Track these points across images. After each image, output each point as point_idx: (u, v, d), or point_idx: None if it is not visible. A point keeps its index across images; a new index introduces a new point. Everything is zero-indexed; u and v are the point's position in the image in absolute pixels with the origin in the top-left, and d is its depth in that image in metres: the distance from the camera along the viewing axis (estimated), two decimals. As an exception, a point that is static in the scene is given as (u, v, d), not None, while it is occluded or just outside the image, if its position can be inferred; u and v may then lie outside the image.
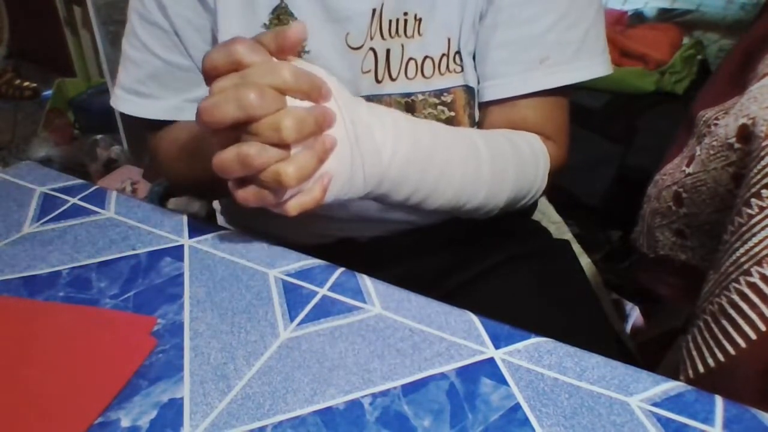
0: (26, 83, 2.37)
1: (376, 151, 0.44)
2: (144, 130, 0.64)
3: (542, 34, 0.54)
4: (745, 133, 0.46)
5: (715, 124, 0.55)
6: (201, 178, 0.52)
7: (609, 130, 1.26)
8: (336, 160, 0.41)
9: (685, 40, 1.30)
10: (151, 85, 0.60)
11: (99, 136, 1.86)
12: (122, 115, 1.90)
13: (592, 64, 0.56)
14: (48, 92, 2.24)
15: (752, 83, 0.50)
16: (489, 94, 0.57)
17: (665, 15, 1.41)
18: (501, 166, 0.53)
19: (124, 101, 0.61)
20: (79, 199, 0.55)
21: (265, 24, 0.55)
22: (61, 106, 2.15)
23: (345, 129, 0.41)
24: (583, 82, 0.56)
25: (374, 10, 0.53)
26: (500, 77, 0.56)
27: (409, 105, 0.56)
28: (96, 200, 0.55)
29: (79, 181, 0.57)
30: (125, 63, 0.61)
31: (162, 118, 0.61)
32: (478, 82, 0.58)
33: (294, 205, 0.41)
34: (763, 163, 0.42)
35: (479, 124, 0.61)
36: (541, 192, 0.60)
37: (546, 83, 0.55)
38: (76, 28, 2.18)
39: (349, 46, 0.55)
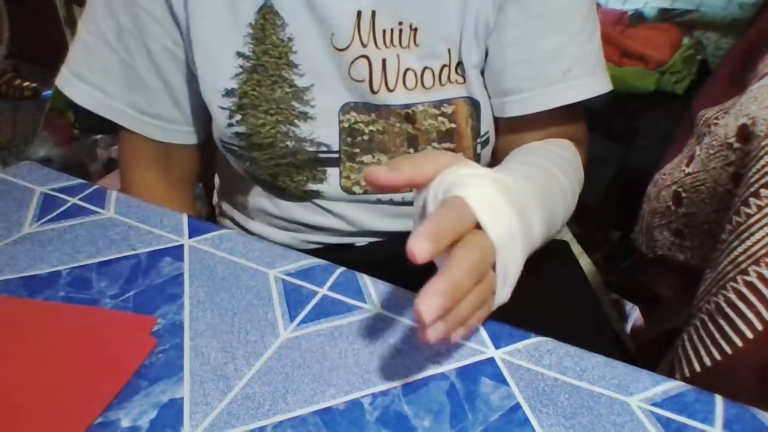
0: (26, 83, 2.36)
1: (530, 234, 0.43)
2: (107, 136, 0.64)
3: (564, 47, 0.55)
4: (745, 133, 0.46)
5: (715, 124, 0.55)
6: None
7: (609, 130, 1.26)
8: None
9: (685, 40, 1.30)
10: (100, 77, 0.58)
11: (99, 136, 1.86)
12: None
13: (605, 77, 0.58)
14: (48, 92, 2.24)
15: (752, 83, 0.50)
16: (514, 109, 0.57)
17: (665, 15, 1.41)
18: (571, 192, 0.54)
19: (71, 85, 0.58)
20: (79, 199, 0.55)
21: (250, 23, 0.53)
22: (61, 106, 2.14)
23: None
24: None
25: (359, 13, 0.53)
26: (525, 92, 0.56)
27: (409, 116, 0.56)
28: (96, 200, 0.55)
29: (79, 181, 0.57)
30: (79, 45, 0.58)
31: (106, 116, 0.59)
32: (490, 97, 0.58)
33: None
34: (762, 162, 0.42)
35: (503, 133, 0.61)
36: None
37: (572, 96, 0.56)
38: (76, 28, 2.18)
39: (335, 47, 0.54)
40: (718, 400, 0.36)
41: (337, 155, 0.57)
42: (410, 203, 0.59)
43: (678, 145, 0.64)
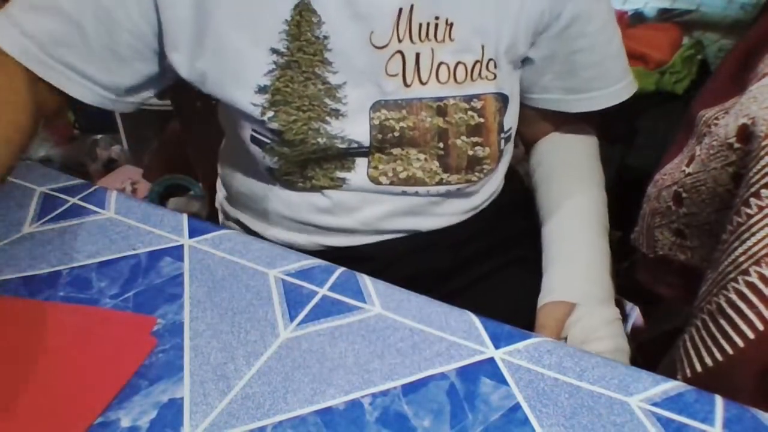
0: (26, 83, 2.36)
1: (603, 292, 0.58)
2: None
3: (619, 51, 0.62)
4: (745, 133, 0.46)
5: (715, 124, 0.55)
6: None
7: (609, 130, 1.26)
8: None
9: (685, 40, 1.30)
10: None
11: (99, 136, 1.86)
12: (122, 115, 1.89)
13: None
14: (48, 92, 2.23)
15: (752, 83, 0.50)
16: (581, 106, 0.64)
17: (665, 15, 1.41)
18: (601, 189, 0.67)
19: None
20: (79, 199, 0.55)
21: (286, 20, 0.53)
22: (61, 106, 2.14)
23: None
24: None
25: (401, 10, 0.52)
26: (592, 91, 0.63)
27: (440, 109, 0.56)
28: (96, 200, 0.55)
29: (79, 181, 0.57)
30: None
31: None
32: (534, 92, 0.64)
33: None
34: (762, 162, 0.42)
35: (532, 123, 0.68)
36: None
37: (630, 91, 0.64)
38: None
39: (374, 45, 0.53)
40: (718, 400, 0.36)
41: (367, 150, 0.58)
42: (434, 195, 0.60)
43: (678, 145, 0.64)
